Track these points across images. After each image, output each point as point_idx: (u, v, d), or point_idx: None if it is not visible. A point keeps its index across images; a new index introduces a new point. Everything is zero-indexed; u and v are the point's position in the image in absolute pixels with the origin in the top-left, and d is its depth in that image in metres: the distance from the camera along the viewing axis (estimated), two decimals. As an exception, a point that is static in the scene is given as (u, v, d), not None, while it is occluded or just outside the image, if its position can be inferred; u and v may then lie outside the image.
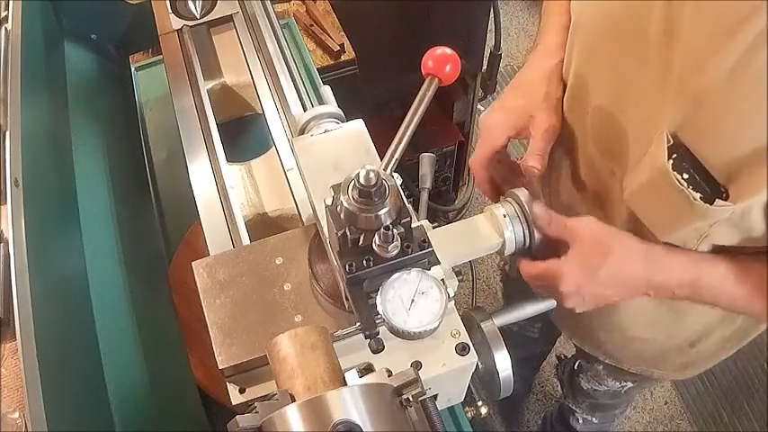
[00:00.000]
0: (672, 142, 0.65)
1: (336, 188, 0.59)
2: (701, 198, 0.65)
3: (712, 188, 0.65)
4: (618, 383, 1.29)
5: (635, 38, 0.68)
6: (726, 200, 0.64)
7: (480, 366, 0.71)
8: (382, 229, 0.56)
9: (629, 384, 1.29)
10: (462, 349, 0.65)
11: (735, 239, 0.72)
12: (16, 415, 0.55)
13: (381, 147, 0.68)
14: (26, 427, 0.55)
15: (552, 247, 0.76)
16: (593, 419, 1.59)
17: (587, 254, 0.73)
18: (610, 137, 0.79)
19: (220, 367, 0.63)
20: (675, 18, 0.63)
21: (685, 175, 0.65)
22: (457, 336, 0.65)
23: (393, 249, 0.58)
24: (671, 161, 0.65)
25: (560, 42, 0.85)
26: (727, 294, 0.73)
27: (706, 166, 0.64)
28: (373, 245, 0.58)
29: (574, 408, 1.57)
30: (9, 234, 0.66)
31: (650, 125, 0.69)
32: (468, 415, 0.80)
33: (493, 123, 0.84)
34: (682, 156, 0.65)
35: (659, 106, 0.67)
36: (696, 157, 0.64)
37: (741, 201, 0.63)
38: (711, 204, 0.64)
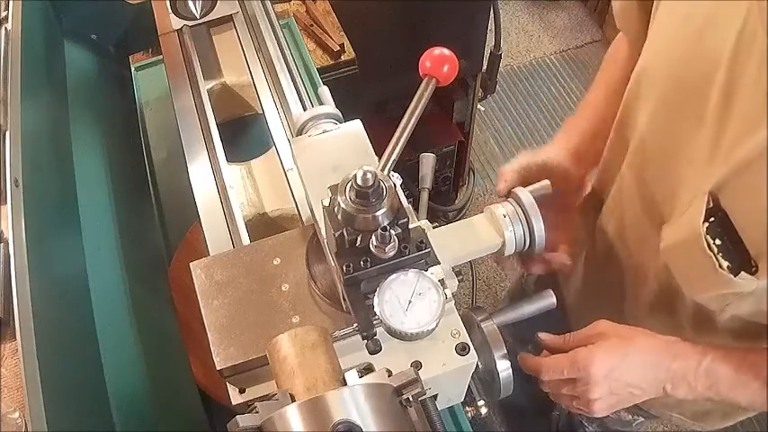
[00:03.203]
0: (712, 205, 0.64)
1: (334, 189, 0.58)
2: (727, 267, 0.64)
3: (743, 259, 0.64)
4: (629, 416, 1.27)
5: (697, 97, 0.67)
6: (754, 274, 0.63)
7: (480, 366, 0.71)
8: (379, 230, 0.56)
9: (640, 419, 1.27)
10: (462, 349, 0.64)
11: (758, 315, 0.71)
12: (16, 415, 0.55)
13: (381, 147, 0.68)
14: (26, 427, 0.55)
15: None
16: None
17: (614, 342, 0.75)
18: (657, 192, 0.78)
19: (218, 368, 0.63)
20: (737, 83, 0.61)
21: (718, 241, 0.64)
22: (457, 336, 0.65)
23: (390, 250, 0.58)
24: (706, 224, 0.64)
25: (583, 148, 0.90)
26: (743, 386, 0.72)
27: (741, 235, 0.63)
28: (371, 246, 0.58)
29: (585, 423, 1.55)
30: (9, 234, 0.66)
31: (697, 185, 0.68)
32: (468, 415, 0.80)
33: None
34: (719, 221, 0.64)
35: (708, 167, 0.66)
36: (733, 225, 0.63)
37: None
38: (735, 276, 0.64)
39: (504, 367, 0.72)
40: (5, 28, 0.85)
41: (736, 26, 0.60)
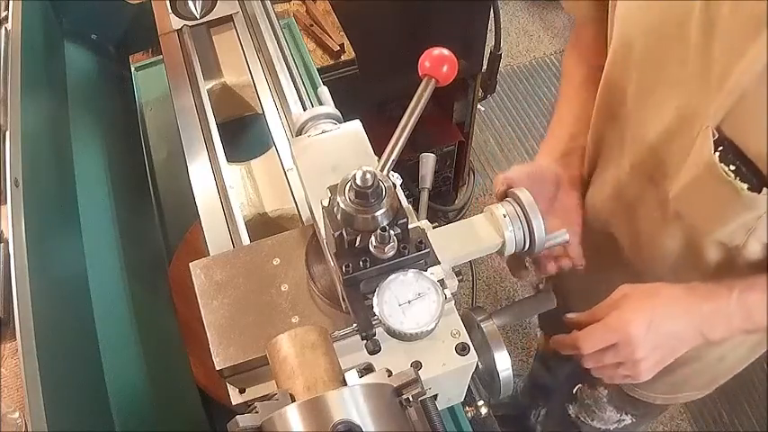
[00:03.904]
0: (717, 136, 0.66)
1: (333, 189, 0.58)
2: (747, 188, 0.65)
3: (758, 179, 0.65)
4: (617, 415, 1.25)
5: (677, 43, 0.69)
6: None
7: (480, 366, 0.71)
8: (379, 231, 0.56)
9: (628, 420, 1.25)
10: (462, 349, 0.64)
11: None
12: (16, 415, 0.55)
13: (381, 147, 0.68)
14: (26, 427, 0.55)
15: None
16: None
17: (641, 298, 0.75)
18: (656, 149, 0.79)
19: (218, 368, 0.63)
20: (714, 17, 0.63)
21: (732, 167, 0.66)
22: (457, 336, 0.65)
23: (390, 250, 0.58)
24: (717, 154, 0.66)
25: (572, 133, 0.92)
26: None
27: (750, 157, 0.65)
28: (370, 246, 0.58)
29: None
30: (9, 234, 0.66)
31: (694, 125, 0.69)
32: (468, 415, 0.80)
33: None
34: (727, 149, 0.66)
35: (702, 104, 0.68)
36: (740, 150, 0.65)
37: None
38: (759, 193, 0.65)
39: (504, 367, 0.72)
40: (5, 28, 0.85)
41: None
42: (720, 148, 0.66)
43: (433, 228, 0.74)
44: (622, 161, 0.86)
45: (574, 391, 1.32)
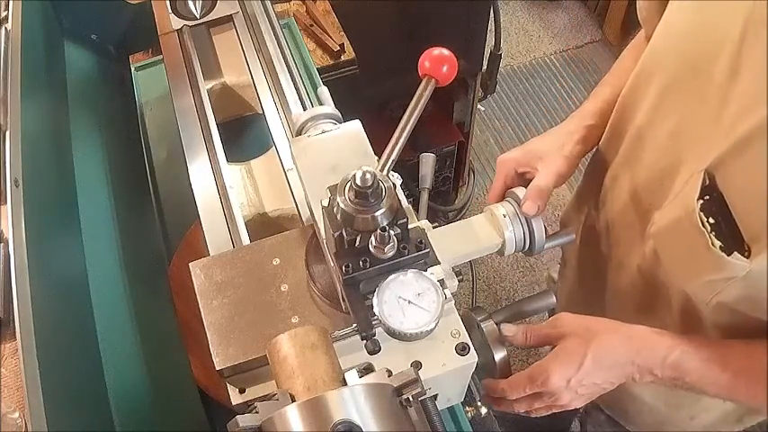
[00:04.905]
0: (708, 183, 0.64)
1: (333, 189, 0.59)
2: (720, 247, 0.63)
3: (735, 241, 0.63)
4: None
5: (701, 76, 0.67)
6: (746, 258, 0.62)
7: (480, 366, 0.71)
8: (378, 231, 0.56)
9: None
10: (462, 349, 0.64)
11: (745, 307, 0.70)
12: (16, 415, 0.55)
13: (381, 147, 0.68)
14: (26, 427, 0.55)
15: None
16: None
17: (571, 346, 0.74)
18: (650, 181, 0.78)
19: (217, 368, 0.63)
20: (743, 62, 0.62)
21: (712, 220, 0.64)
22: (457, 336, 0.65)
23: (389, 250, 0.58)
24: (701, 201, 0.64)
25: (596, 110, 0.90)
26: (712, 379, 0.72)
27: (735, 217, 0.62)
28: (370, 246, 0.58)
29: None
30: (9, 234, 0.66)
31: (694, 162, 0.67)
32: (468, 415, 0.80)
33: (505, 158, 0.87)
34: (714, 200, 0.64)
35: (708, 143, 0.66)
36: (727, 207, 0.63)
37: (759, 261, 0.62)
38: (729, 255, 0.63)
39: (503, 367, 0.72)
40: (5, 28, 0.85)
41: (746, 8, 0.60)
42: (707, 197, 0.64)
43: (433, 228, 0.74)
44: (623, 189, 0.85)
45: (582, 411, 1.34)
